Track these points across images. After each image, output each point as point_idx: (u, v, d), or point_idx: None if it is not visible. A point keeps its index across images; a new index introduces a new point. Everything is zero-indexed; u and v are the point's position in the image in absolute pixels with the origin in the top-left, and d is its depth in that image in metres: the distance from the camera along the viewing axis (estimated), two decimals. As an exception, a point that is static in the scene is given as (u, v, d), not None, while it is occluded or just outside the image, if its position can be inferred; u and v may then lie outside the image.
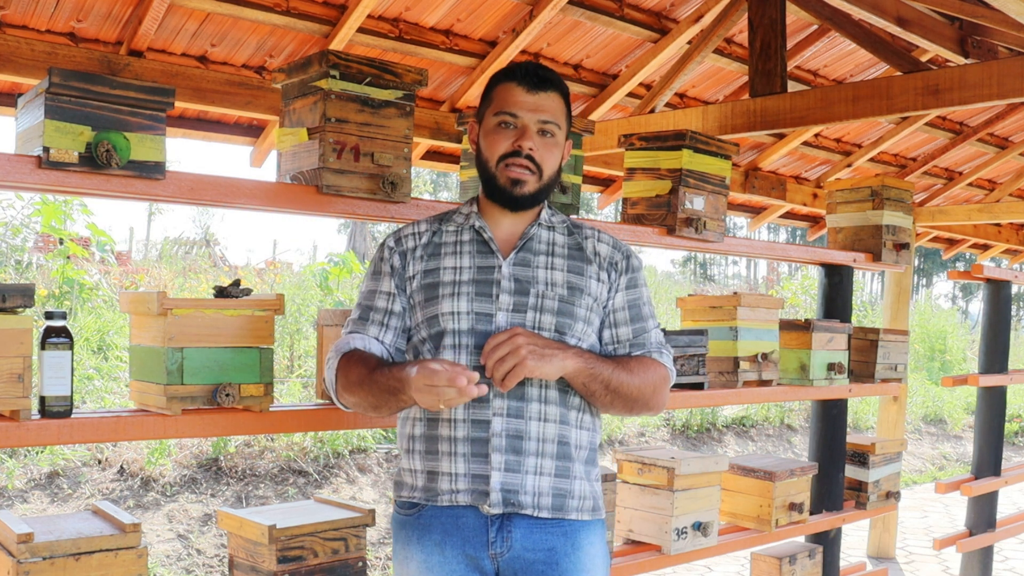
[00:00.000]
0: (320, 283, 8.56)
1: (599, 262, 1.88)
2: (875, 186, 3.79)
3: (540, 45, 3.98)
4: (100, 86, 1.81)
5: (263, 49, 3.45)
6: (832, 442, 3.69)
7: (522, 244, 1.85)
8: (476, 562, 1.76)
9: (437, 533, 1.78)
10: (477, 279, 1.81)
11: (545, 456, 1.77)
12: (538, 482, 1.76)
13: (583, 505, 1.82)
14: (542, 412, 1.78)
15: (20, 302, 1.79)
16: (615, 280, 1.89)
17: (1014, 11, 2.32)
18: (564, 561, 1.77)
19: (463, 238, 1.87)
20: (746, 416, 8.98)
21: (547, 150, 1.82)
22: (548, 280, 1.82)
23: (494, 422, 1.75)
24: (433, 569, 1.77)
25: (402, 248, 1.89)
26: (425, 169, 6.18)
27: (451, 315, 1.79)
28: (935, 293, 36.29)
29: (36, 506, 4.92)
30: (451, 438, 1.77)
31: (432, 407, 1.65)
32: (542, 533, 1.77)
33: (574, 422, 1.82)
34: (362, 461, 6.19)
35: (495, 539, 1.75)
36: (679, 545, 2.90)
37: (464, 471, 1.76)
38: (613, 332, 1.89)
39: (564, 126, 1.86)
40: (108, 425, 1.91)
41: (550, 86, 1.82)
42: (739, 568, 5.56)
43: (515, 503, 1.75)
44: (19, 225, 8.10)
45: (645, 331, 1.91)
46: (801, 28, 4.36)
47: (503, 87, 1.83)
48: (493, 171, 1.82)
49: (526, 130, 1.80)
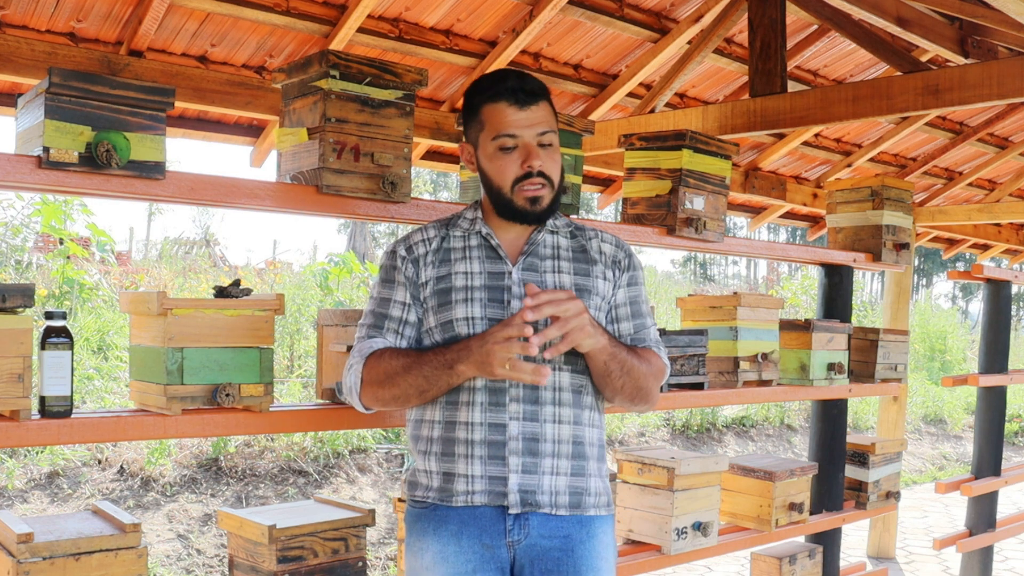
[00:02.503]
0: (320, 283, 8.56)
1: (604, 261, 1.92)
2: (875, 186, 3.80)
3: (540, 45, 3.98)
4: (100, 86, 1.81)
5: (263, 49, 3.45)
6: (832, 442, 3.69)
7: (529, 250, 1.87)
8: (492, 551, 1.78)
9: (454, 524, 1.80)
10: (489, 285, 1.83)
11: (561, 456, 1.81)
12: (555, 482, 1.80)
13: (599, 501, 1.86)
14: (556, 414, 1.81)
15: (20, 302, 1.79)
16: (618, 277, 1.93)
17: (1014, 11, 2.32)
18: (579, 548, 1.80)
19: (471, 243, 1.88)
20: (746, 416, 8.98)
21: (551, 160, 1.83)
22: (556, 284, 1.85)
23: (510, 426, 1.78)
24: (448, 559, 1.79)
25: (414, 255, 1.89)
26: (425, 169, 6.18)
27: (465, 320, 1.80)
28: (935, 293, 36.29)
29: (36, 506, 4.92)
30: (468, 441, 1.79)
31: (491, 370, 1.68)
32: (559, 522, 1.81)
33: (587, 421, 1.86)
34: (362, 461, 6.19)
35: (512, 528, 1.78)
36: (679, 545, 2.90)
37: (481, 473, 1.78)
38: (615, 327, 1.93)
39: (557, 130, 1.87)
40: (108, 425, 1.91)
41: (538, 97, 1.82)
42: (739, 568, 5.56)
43: (533, 503, 1.78)
44: (19, 225, 8.10)
45: (645, 327, 1.96)
46: (801, 28, 4.36)
47: (493, 108, 1.81)
48: (509, 196, 1.82)
49: (529, 149, 1.80)
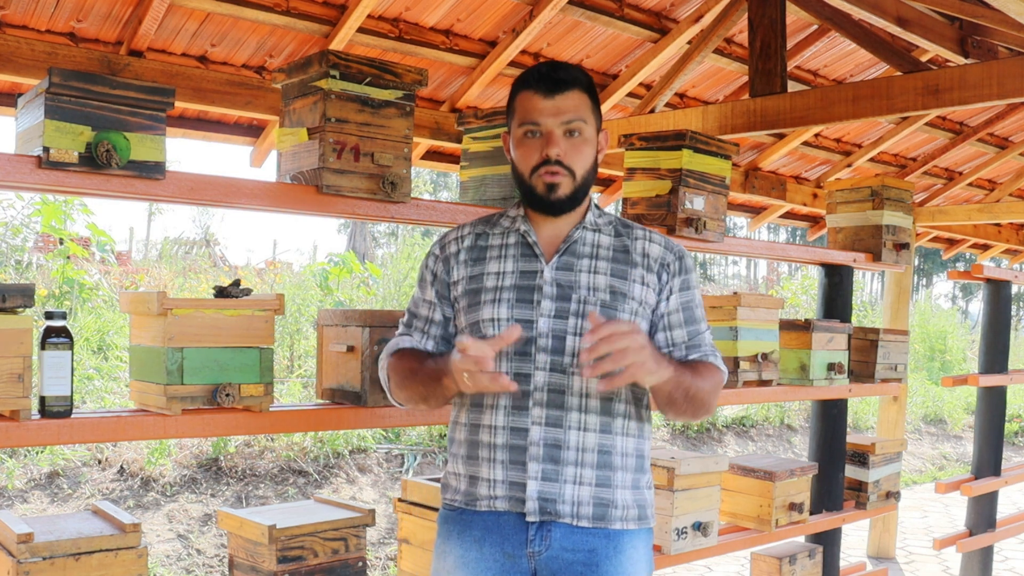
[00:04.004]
0: (320, 283, 8.57)
1: (647, 264, 1.83)
2: (875, 186, 3.80)
3: (540, 45, 3.98)
4: (100, 86, 1.81)
5: (263, 49, 3.45)
6: (832, 442, 3.69)
7: (565, 248, 1.82)
8: (514, 560, 1.76)
9: (478, 530, 1.78)
10: (519, 284, 1.80)
11: (585, 466, 1.75)
12: (577, 492, 1.74)
13: (627, 514, 1.78)
14: (582, 421, 1.75)
15: (20, 302, 1.79)
16: (668, 282, 1.84)
17: (1014, 11, 2.32)
18: (605, 563, 1.74)
19: (509, 241, 1.86)
20: (746, 416, 8.98)
21: (576, 150, 1.78)
22: (591, 285, 1.79)
23: (532, 431, 1.74)
24: (469, 565, 1.78)
25: (445, 254, 1.89)
26: (425, 169, 6.18)
27: (491, 321, 1.78)
28: (935, 293, 36.25)
29: (36, 506, 4.92)
30: (491, 444, 1.77)
31: (460, 385, 1.66)
32: (583, 535, 1.75)
33: (620, 430, 1.79)
34: (362, 461, 6.19)
35: (534, 538, 1.75)
36: (679, 545, 2.90)
37: (503, 478, 1.76)
38: (668, 335, 1.84)
39: (592, 120, 1.80)
40: (108, 425, 1.91)
41: (567, 85, 1.78)
42: (739, 568, 5.56)
43: (552, 512, 1.74)
44: (19, 225, 8.10)
45: (699, 333, 1.86)
46: (801, 28, 4.36)
47: (523, 96, 1.81)
48: (529, 183, 1.80)
49: (551, 136, 1.77)
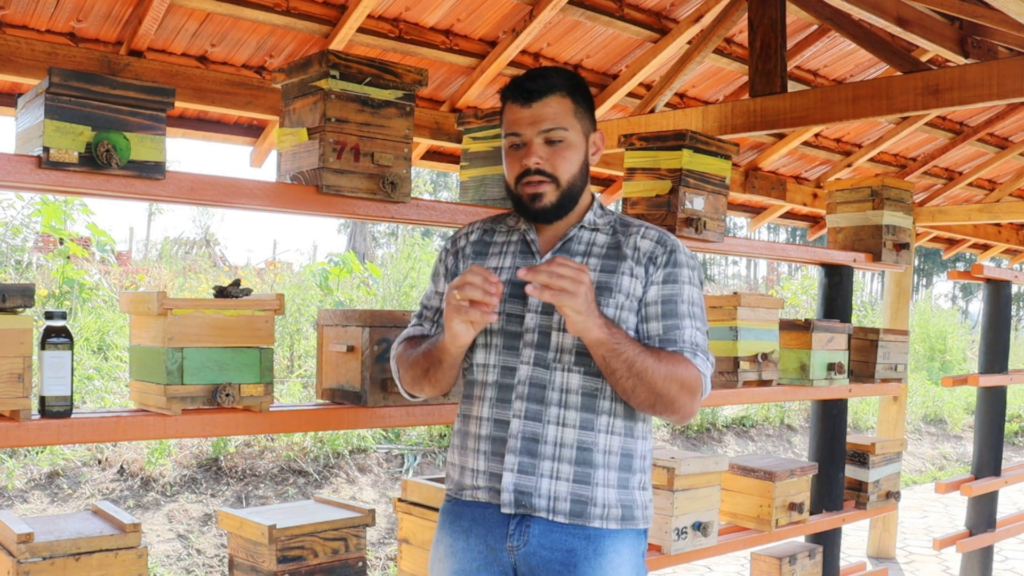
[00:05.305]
0: (320, 283, 8.57)
1: (636, 257, 1.83)
2: (875, 186, 3.80)
3: (540, 45, 3.98)
4: (100, 86, 1.81)
5: (263, 49, 3.45)
6: (832, 442, 3.69)
7: (560, 246, 1.86)
8: (495, 553, 1.79)
9: (466, 521, 1.83)
10: (513, 280, 1.83)
11: (563, 461, 1.76)
12: (554, 486, 1.75)
13: (608, 513, 1.77)
14: (561, 416, 1.77)
15: (20, 302, 1.80)
16: (652, 274, 1.82)
17: (1014, 11, 2.32)
18: (583, 565, 1.74)
19: (511, 239, 1.91)
20: (746, 416, 8.98)
21: (559, 156, 1.79)
22: None
23: (512, 423, 1.78)
24: (457, 554, 1.83)
25: (456, 248, 1.97)
26: (425, 169, 6.18)
27: None
28: (935, 293, 36.22)
29: (36, 506, 4.92)
30: (477, 435, 1.82)
31: (463, 331, 1.69)
32: (561, 534, 1.76)
33: (603, 428, 1.78)
34: (362, 461, 6.19)
35: (513, 533, 1.77)
36: (679, 545, 2.90)
37: (484, 468, 1.80)
38: (644, 327, 1.81)
39: (574, 125, 1.81)
40: (108, 425, 1.91)
41: (543, 93, 1.78)
42: (739, 568, 5.56)
43: (528, 505, 1.75)
44: (19, 225, 8.10)
45: (677, 328, 1.80)
46: (801, 28, 4.36)
47: (506, 107, 1.84)
48: (516, 193, 1.84)
49: (530, 146, 1.79)
